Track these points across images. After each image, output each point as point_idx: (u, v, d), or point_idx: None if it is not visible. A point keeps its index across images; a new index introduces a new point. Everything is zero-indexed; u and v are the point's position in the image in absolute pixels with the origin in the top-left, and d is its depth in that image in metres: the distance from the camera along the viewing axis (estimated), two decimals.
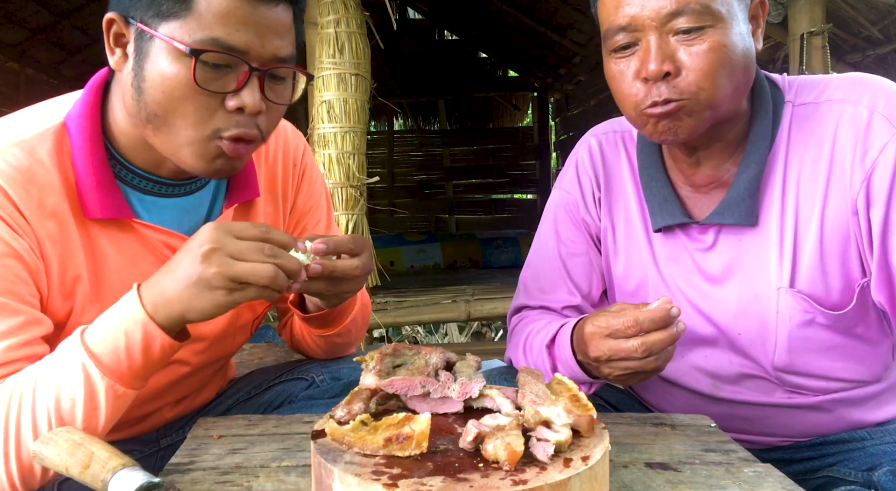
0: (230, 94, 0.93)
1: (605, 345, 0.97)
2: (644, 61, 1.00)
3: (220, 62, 0.91)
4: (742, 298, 1.12)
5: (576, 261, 1.28)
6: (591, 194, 1.27)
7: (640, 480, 0.83)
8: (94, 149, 0.98)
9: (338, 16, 2.74)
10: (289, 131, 1.24)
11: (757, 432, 1.20)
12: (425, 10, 7.30)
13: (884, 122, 1.01)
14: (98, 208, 0.97)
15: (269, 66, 0.94)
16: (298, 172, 1.24)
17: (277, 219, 1.20)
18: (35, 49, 4.97)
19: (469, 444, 0.73)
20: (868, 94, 1.04)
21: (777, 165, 1.09)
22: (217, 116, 0.93)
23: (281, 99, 0.99)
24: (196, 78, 0.90)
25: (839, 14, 3.25)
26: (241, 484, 0.83)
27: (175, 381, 1.14)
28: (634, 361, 0.95)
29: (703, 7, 0.97)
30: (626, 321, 0.94)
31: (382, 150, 7.94)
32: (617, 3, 1.01)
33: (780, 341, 1.10)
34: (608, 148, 1.27)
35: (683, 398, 1.24)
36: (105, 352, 0.86)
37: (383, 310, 3.46)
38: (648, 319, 0.93)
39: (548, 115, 7.87)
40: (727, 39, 0.98)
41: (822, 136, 1.06)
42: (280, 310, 1.33)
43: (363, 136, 2.85)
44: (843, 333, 1.09)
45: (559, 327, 1.13)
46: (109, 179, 0.99)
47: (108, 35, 0.96)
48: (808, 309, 1.08)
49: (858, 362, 1.12)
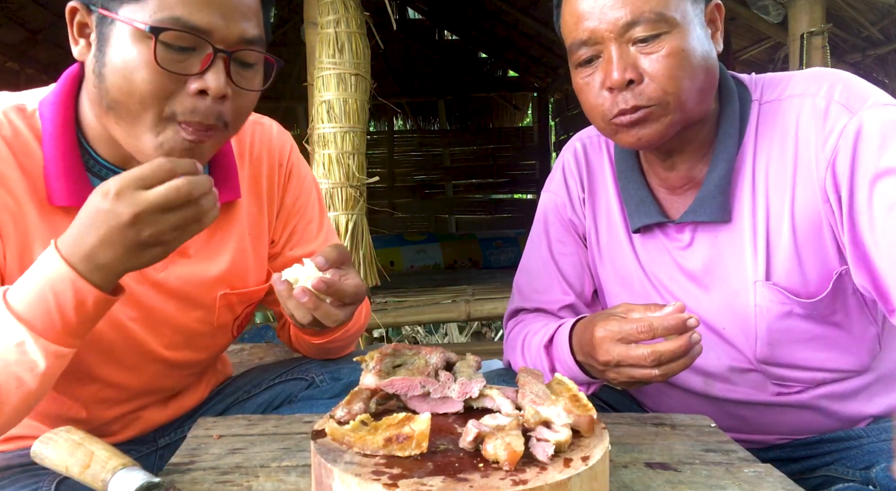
0: (193, 76, 0.90)
1: (615, 350, 0.96)
2: (607, 72, 1.03)
3: (183, 44, 0.89)
4: (722, 293, 1.14)
5: (567, 260, 1.31)
6: (577, 196, 1.30)
7: (640, 480, 0.83)
8: (64, 136, 0.97)
9: (338, 16, 2.74)
10: (275, 131, 1.23)
11: (753, 431, 1.20)
12: (425, 10, 7.30)
13: (840, 109, 1.04)
14: (63, 196, 0.96)
15: (234, 48, 0.92)
16: (285, 172, 1.22)
17: (262, 220, 1.19)
18: (35, 49, 4.97)
19: (469, 444, 0.73)
20: (825, 86, 1.07)
21: (746, 162, 1.11)
22: (177, 99, 0.91)
23: (250, 85, 0.97)
24: (157, 58, 0.88)
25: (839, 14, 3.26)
26: (241, 484, 0.83)
27: (152, 378, 1.13)
28: (643, 370, 0.95)
29: (658, 15, 1.01)
30: (639, 327, 0.94)
31: (382, 150, 7.94)
32: (577, 19, 1.05)
33: (760, 334, 1.12)
34: (592, 151, 1.30)
35: (678, 398, 1.24)
36: (34, 313, 0.82)
37: (383, 310, 3.45)
38: (663, 327, 0.93)
39: (548, 115, 7.87)
40: (685, 44, 1.02)
41: (786, 130, 1.09)
42: (277, 312, 1.33)
43: (363, 136, 2.85)
44: (821, 323, 1.10)
45: (557, 328, 1.14)
46: (77, 168, 0.97)
47: (71, 25, 0.95)
48: (784, 301, 1.09)
49: (843, 352, 1.12)
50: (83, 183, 0.97)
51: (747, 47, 4.42)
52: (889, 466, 1.03)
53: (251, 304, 1.21)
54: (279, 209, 1.22)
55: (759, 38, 4.23)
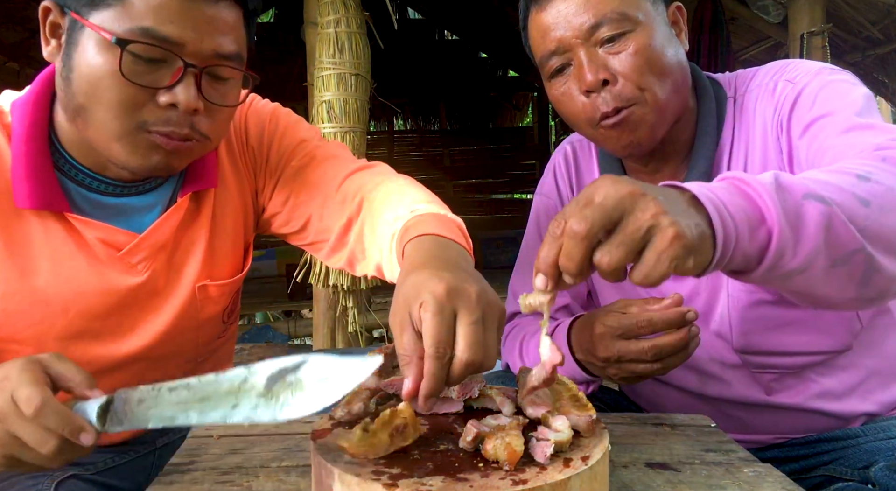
0: (163, 89, 0.88)
1: (615, 346, 0.97)
2: (581, 76, 1.05)
3: (152, 55, 0.86)
4: (706, 288, 1.16)
5: None
6: (568, 198, 1.32)
7: (640, 480, 0.83)
8: (34, 137, 0.95)
9: (338, 16, 2.74)
10: (248, 115, 1.16)
11: (749, 432, 1.20)
12: (425, 10, 7.31)
13: (785, 83, 1.10)
14: (26, 198, 0.94)
15: (207, 63, 0.89)
16: (266, 142, 1.15)
17: (238, 209, 1.14)
18: (35, 49, 4.96)
19: (469, 444, 0.73)
20: (776, 68, 1.14)
21: (724, 157, 1.14)
22: (145, 110, 0.88)
23: (223, 100, 0.94)
24: (123, 70, 0.85)
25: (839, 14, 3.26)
26: (241, 484, 0.82)
27: (136, 375, 1.08)
28: (643, 365, 0.95)
29: (620, 15, 1.03)
30: (639, 321, 0.94)
31: (382, 150, 7.94)
32: (543, 32, 1.08)
33: (735, 324, 1.13)
34: (581, 153, 1.32)
35: (674, 399, 1.25)
36: None
37: (383, 310, 3.46)
38: (662, 320, 0.93)
39: (548, 115, 7.88)
40: (651, 40, 1.04)
41: (752, 120, 1.13)
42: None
43: (363, 136, 2.85)
44: (791, 305, 1.11)
45: (555, 327, 1.14)
46: (46, 170, 0.95)
47: (43, 24, 0.93)
48: (753, 289, 1.11)
49: (821, 333, 1.12)
50: (51, 186, 0.95)
51: (747, 47, 4.42)
52: (888, 464, 1.03)
53: (234, 291, 1.18)
54: (278, 179, 1.16)
55: (759, 38, 4.24)
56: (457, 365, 0.70)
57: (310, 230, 1.15)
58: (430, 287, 0.72)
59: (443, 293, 0.71)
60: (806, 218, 0.73)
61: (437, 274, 0.74)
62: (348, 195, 1.10)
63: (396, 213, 0.99)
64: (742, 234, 0.71)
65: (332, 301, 2.97)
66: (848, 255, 0.76)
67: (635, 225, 0.67)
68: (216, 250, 1.12)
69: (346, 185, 1.11)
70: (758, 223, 0.73)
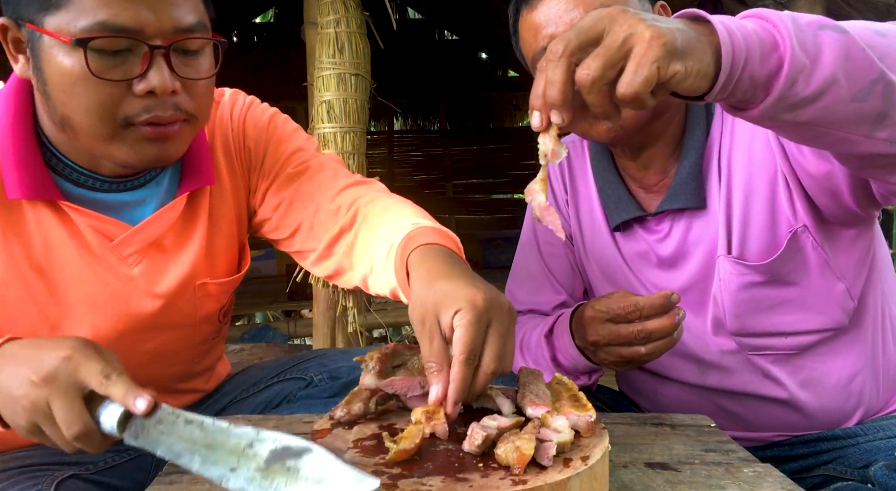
0: (136, 79, 0.87)
1: (604, 329, 1.01)
2: None
3: (116, 47, 0.85)
4: (701, 276, 1.16)
5: (557, 261, 1.34)
6: (562, 198, 1.33)
7: (640, 480, 0.83)
8: (19, 127, 0.94)
9: (338, 16, 2.74)
10: (227, 106, 1.16)
11: (749, 429, 1.21)
12: (425, 10, 7.30)
13: None
14: (18, 188, 0.93)
15: (171, 40, 0.88)
16: (263, 145, 1.15)
17: (232, 207, 1.13)
18: None
19: (477, 448, 0.72)
20: None
21: (714, 148, 1.14)
22: (125, 104, 0.88)
23: (199, 73, 0.93)
24: (91, 68, 0.84)
25: (839, 14, 3.25)
26: None
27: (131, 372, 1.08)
28: (631, 348, 0.99)
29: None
30: (626, 306, 0.98)
31: (382, 150, 7.94)
32: (535, 31, 1.08)
33: (727, 307, 1.14)
34: (574, 153, 1.33)
35: (673, 394, 1.25)
36: None
37: (383, 310, 3.46)
38: (649, 305, 0.97)
39: None
40: None
41: None
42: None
43: (363, 136, 2.85)
44: (781, 286, 1.12)
45: (558, 317, 1.17)
46: (34, 160, 0.95)
47: (6, 43, 0.92)
48: (743, 272, 1.11)
49: (813, 311, 1.13)
50: (42, 175, 0.95)
51: None
52: (887, 463, 1.03)
53: (233, 290, 1.19)
54: (269, 186, 1.15)
55: None
56: (482, 373, 0.74)
57: (297, 238, 1.15)
58: (468, 296, 0.74)
59: (482, 304, 0.74)
60: (822, 45, 0.72)
61: (472, 283, 0.77)
62: (343, 206, 1.10)
63: (398, 224, 0.99)
64: (753, 54, 0.70)
65: (332, 301, 2.96)
66: (868, 85, 0.74)
67: (613, 36, 0.67)
68: (214, 248, 1.12)
69: (342, 197, 1.11)
70: (770, 49, 0.71)
